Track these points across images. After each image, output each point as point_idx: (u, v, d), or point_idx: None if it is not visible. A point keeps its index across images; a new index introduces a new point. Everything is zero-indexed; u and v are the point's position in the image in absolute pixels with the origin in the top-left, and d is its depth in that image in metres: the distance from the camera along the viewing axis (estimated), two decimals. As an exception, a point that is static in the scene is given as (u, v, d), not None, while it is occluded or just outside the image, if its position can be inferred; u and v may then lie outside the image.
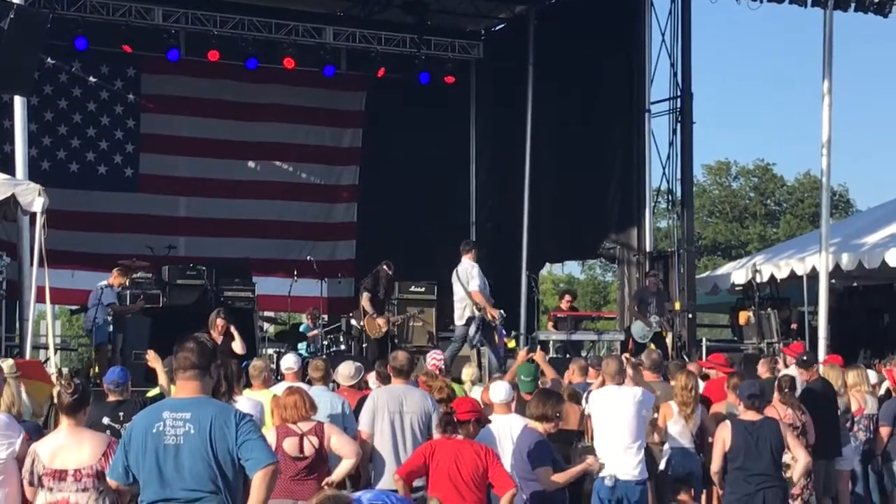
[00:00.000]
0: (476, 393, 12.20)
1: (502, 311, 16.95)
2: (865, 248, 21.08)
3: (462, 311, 16.65)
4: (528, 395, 10.83)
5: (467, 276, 16.59)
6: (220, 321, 15.31)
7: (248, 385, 11.65)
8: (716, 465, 10.33)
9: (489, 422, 9.44)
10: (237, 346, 15.25)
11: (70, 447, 7.52)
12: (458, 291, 16.74)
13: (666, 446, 11.59)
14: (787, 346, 17.34)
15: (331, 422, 9.87)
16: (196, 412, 6.29)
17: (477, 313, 16.40)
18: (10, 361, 12.54)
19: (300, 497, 8.80)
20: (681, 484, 11.17)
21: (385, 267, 19.03)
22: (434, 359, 13.05)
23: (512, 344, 18.62)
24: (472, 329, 16.44)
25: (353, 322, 20.21)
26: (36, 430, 8.94)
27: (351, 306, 21.73)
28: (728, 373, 13.27)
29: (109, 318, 17.75)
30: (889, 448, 13.27)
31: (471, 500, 8.56)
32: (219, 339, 15.05)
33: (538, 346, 16.35)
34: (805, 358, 13.59)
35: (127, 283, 18.65)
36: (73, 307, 20.92)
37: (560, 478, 9.09)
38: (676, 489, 11.14)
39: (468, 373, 13.56)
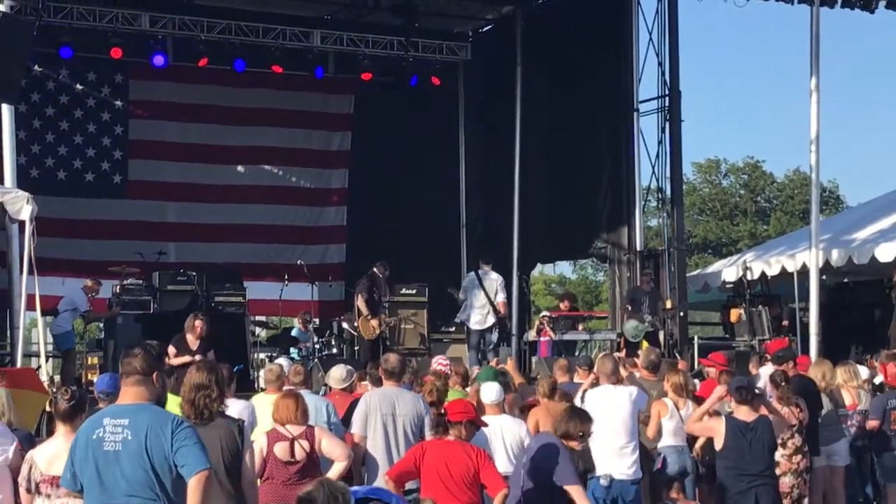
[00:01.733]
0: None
1: None
2: (855, 244, 21.12)
3: (484, 316, 18.54)
4: None
5: (496, 286, 18.75)
6: (198, 323, 15.00)
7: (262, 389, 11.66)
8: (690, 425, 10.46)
9: (485, 424, 9.40)
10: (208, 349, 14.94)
11: (67, 454, 7.51)
12: (479, 297, 18.59)
13: (660, 444, 11.58)
14: (769, 343, 17.28)
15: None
16: (134, 419, 6.31)
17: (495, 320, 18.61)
18: None
19: (293, 502, 8.76)
20: (673, 481, 11.17)
21: (380, 268, 19.07)
22: (440, 364, 13.00)
23: None
24: (496, 336, 18.64)
25: (345, 325, 20.21)
26: (27, 439, 8.92)
27: (342, 310, 21.73)
28: (721, 371, 13.26)
29: (75, 324, 18.03)
30: (881, 443, 13.27)
31: (463, 500, 8.53)
32: (195, 344, 14.84)
33: (508, 356, 16.68)
34: (780, 354, 13.56)
35: (98, 290, 18.79)
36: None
37: None
38: (669, 486, 11.13)
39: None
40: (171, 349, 14.54)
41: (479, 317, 18.35)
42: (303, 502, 5.79)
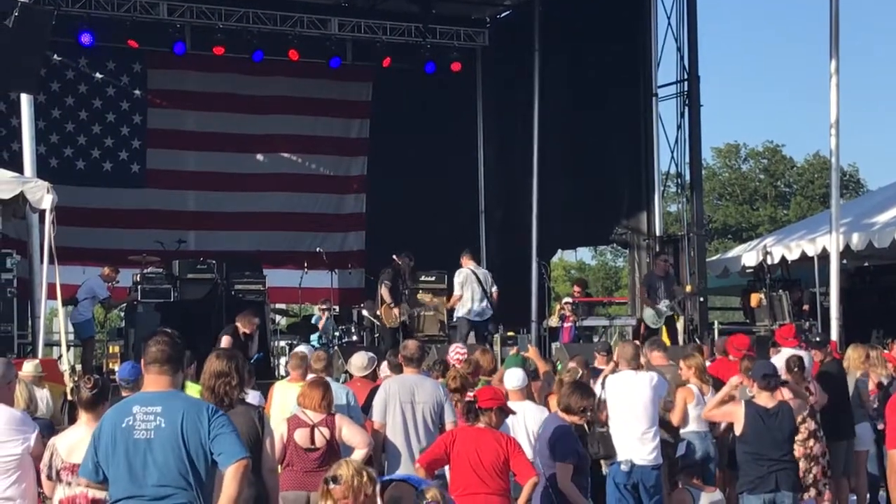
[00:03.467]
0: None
1: None
2: (876, 228, 21.03)
3: (483, 309, 18.59)
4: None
5: (490, 278, 18.86)
6: (257, 320, 15.70)
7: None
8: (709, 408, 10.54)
9: (513, 412, 9.35)
10: (252, 348, 15.46)
11: (88, 442, 7.53)
12: (476, 291, 18.60)
13: (683, 430, 11.54)
14: (778, 329, 17.08)
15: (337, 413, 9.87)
16: (167, 405, 6.21)
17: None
18: (37, 362, 12.61)
19: (313, 489, 8.73)
20: (695, 467, 11.15)
21: (406, 259, 19.08)
22: (458, 352, 12.99)
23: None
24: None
25: (365, 312, 20.22)
26: (48, 428, 8.95)
27: (362, 297, 21.76)
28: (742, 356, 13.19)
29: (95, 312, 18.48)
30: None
31: (493, 487, 8.51)
32: (243, 336, 15.22)
33: (528, 343, 16.72)
34: (819, 340, 13.55)
35: (115, 278, 18.92)
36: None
37: (573, 495, 8.86)
38: (690, 472, 11.11)
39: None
40: (227, 338, 14.93)
41: (479, 309, 18.56)
42: (329, 481, 5.76)
